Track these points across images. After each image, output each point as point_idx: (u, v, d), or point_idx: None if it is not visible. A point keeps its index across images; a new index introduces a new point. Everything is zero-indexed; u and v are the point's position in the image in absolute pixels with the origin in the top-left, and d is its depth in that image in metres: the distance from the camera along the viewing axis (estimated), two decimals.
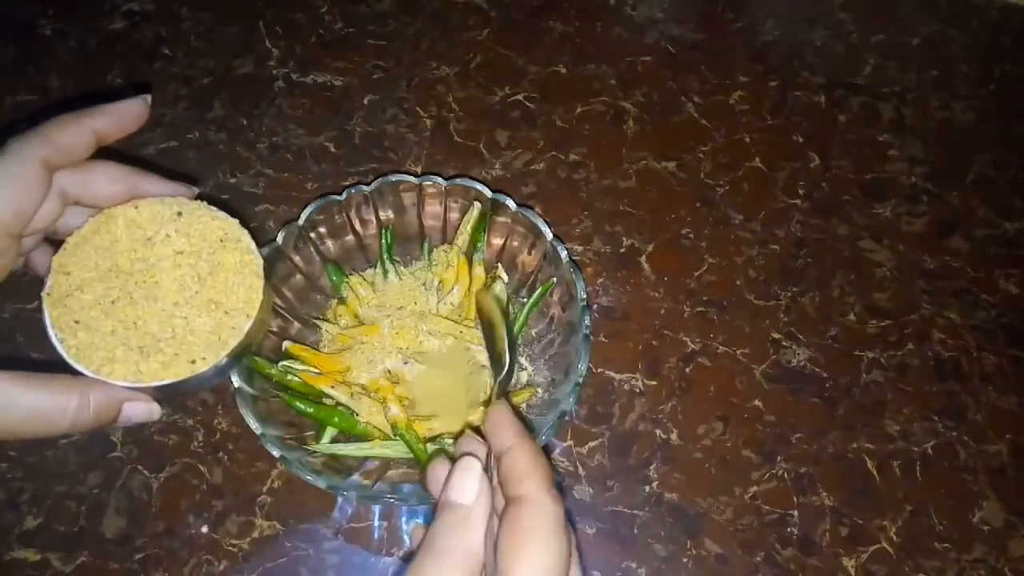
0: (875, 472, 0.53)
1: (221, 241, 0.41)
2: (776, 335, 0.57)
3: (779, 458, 0.53)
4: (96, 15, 0.70)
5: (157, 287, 0.39)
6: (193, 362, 0.38)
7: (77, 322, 0.38)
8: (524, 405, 0.51)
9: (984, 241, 0.62)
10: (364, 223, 0.54)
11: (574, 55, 0.69)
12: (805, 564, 0.50)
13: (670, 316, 0.58)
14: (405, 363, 0.49)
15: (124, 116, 0.39)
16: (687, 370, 0.56)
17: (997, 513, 0.52)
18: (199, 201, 0.42)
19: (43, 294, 0.38)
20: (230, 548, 0.49)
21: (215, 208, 0.42)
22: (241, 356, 0.41)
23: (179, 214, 0.41)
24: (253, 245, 0.42)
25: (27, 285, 0.57)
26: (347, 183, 0.62)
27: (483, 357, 0.50)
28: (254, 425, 0.44)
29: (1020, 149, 0.66)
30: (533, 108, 0.67)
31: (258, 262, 0.41)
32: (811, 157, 0.65)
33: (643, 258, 0.60)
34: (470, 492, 0.30)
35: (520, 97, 0.67)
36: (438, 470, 0.33)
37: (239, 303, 0.40)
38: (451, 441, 0.49)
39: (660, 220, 0.62)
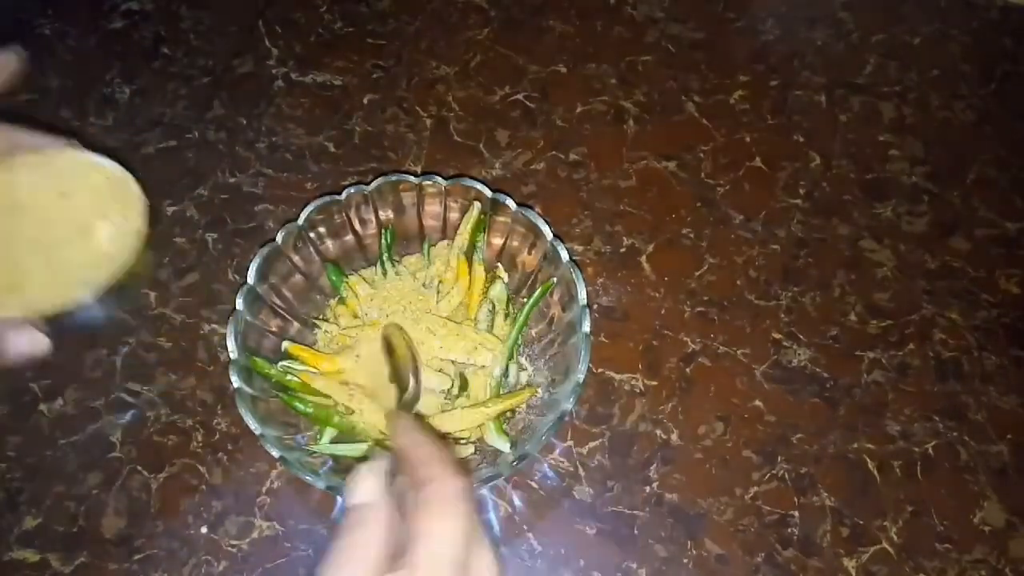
0: (876, 472, 0.53)
1: (92, 174, 0.40)
2: (777, 335, 0.57)
3: (780, 458, 0.53)
4: (95, 15, 0.70)
5: (31, 228, 0.39)
6: (71, 290, 0.38)
7: None
8: (524, 405, 0.51)
9: (985, 241, 0.62)
10: (364, 223, 0.54)
11: (574, 55, 0.69)
12: (806, 565, 0.50)
13: (670, 316, 0.58)
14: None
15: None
16: (687, 370, 0.56)
17: (998, 513, 0.52)
18: (73, 148, 0.41)
19: None
20: (229, 548, 0.49)
21: (88, 151, 0.41)
22: (128, 285, 0.41)
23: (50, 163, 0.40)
24: (118, 168, 0.41)
25: None
26: (347, 183, 0.61)
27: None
28: (253, 425, 0.44)
29: (1021, 149, 0.66)
30: (533, 108, 0.67)
31: (127, 179, 0.40)
32: (812, 157, 0.65)
33: (643, 258, 0.60)
34: (368, 493, 0.31)
35: (520, 97, 0.67)
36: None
37: (116, 227, 0.39)
38: (453, 442, 0.49)
39: (660, 220, 0.62)
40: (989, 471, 0.53)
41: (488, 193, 0.51)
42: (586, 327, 0.47)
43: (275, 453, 0.43)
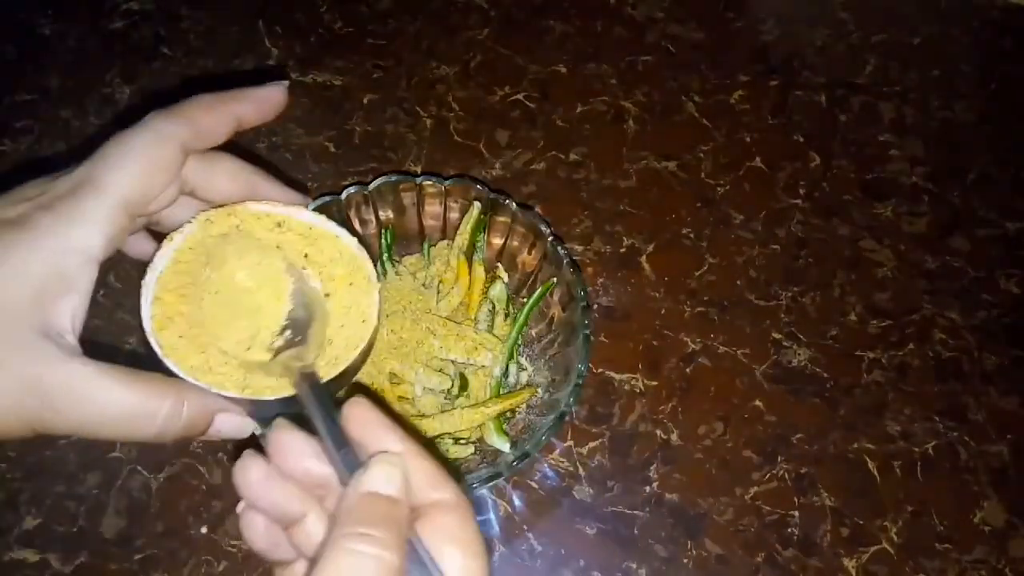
0: (876, 472, 0.53)
1: (336, 258, 0.37)
2: (777, 335, 0.57)
3: (780, 458, 0.53)
4: (96, 15, 0.70)
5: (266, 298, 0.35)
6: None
7: (172, 319, 0.34)
8: (524, 405, 0.51)
9: (985, 241, 0.62)
10: (364, 223, 0.54)
11: (574, 55, 0.69)
12: (806, 565, 0.50)
13: (670, 316, 0.58)
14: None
15: (265, 102, 0.37)
16: (687, 370, 0.56)
17: (998, 513, 0.52)
18: (317, 214, 0.38)
19: (146, 281, 0.34)
20: (229, 549, 0.49)
21: (334, 223, 0.38)
22: (342, 382, 0.36)
23: (283, 223, 0.37)
24: (366, 260, 0.38)
25: None
26: (346, 183, 0.61)
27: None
28: (253, 425, 0.44)
29: (1021, 149, 0.66)
30: (533, 108, 0.67)
31: (371, 276, 0.37)
32: (812, 157, 0.65)
33: (643, 258, 0.60)
34: (392, 485, 0.26)
35: (520, 97, 0.67)
36: (287, 437, 0.28)
37: (349, 322, 0.36)
38: (453, 442, 0.49)
39: (660, 220, 0.62)
40: (989, 471, 0.53)
41: (488, 193, 0.51)
42: (586, 327, 0.47)
43: None
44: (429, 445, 0.29)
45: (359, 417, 0.29)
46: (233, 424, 0.34)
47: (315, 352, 0.34)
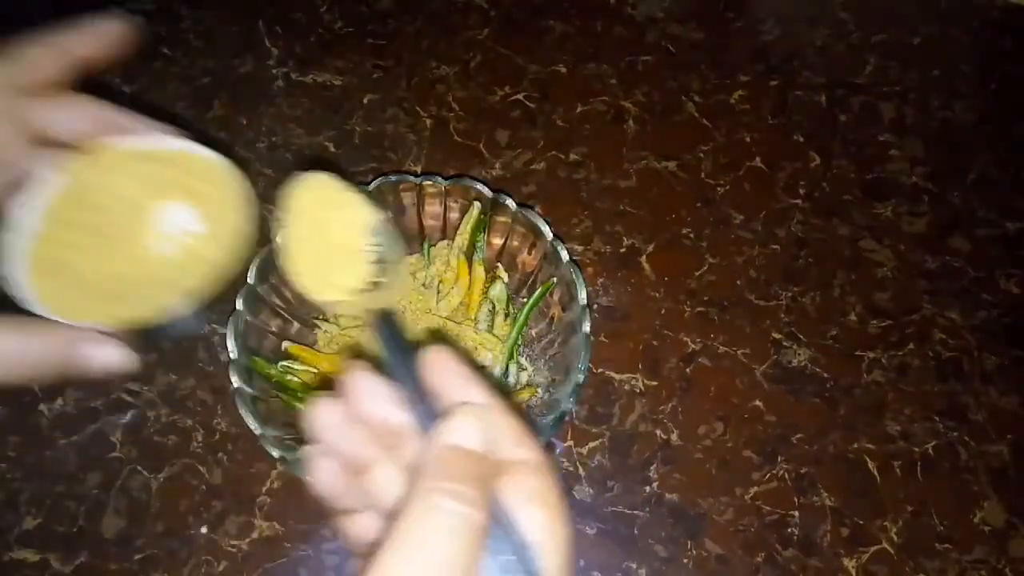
0: (876, 472, 0.53)
1: (196, 171, 0.37)
2: (777, 335, 0.57)
3: (780, 458, 0.53)
4: (95, 15, 0.70)
5: (123, 227, 0.35)
6: (166, 298, 0.34)
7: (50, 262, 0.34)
8: (524, 405, 0.51)
9: (985, 241, 0.62)
10: None
11: (574, 55, 0.69)
12: (806, 565, 0.50)
13: (670, 316, 0.58)
14: None
15: (105, 38, 0.35)
16: (687, 370, 0.56)
17: (998, 513, 0.52)
18: (175, 138, 0.38)
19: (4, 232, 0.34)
20: (229, 549, 0.49)
21: (192, 143, 0.38)
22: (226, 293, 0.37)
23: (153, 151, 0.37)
24: (224, 163, 0.38)
25: None
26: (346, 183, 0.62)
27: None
28: (253, 425, 0.44)
29: (1021, 149, 0.66)
30: (533, 108, 0.67)
31: (232, 175, 0.38)
32: (812, 157, 0.65)
33: (643, 258, 0.60)
34: (473, 438, 0.25)
35: (520, 97, 0.67)
36: (366, 381, 0.28)
37: (218, 228, 0.36)
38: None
39: (660, 220, 0.62)
40: (989, 471, 0.53)
41: (488, 193, 0.51)
42: (586, 327, 0.47)
43: (275, 453, 0.43)
44: (511, 403, 0.28)
45: (441, 365, 0.27)
46: (108, 354, 0.33)
47: (394, 294, 0.34)
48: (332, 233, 0.39)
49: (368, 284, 0.36)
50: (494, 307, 0.54)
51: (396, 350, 0.28)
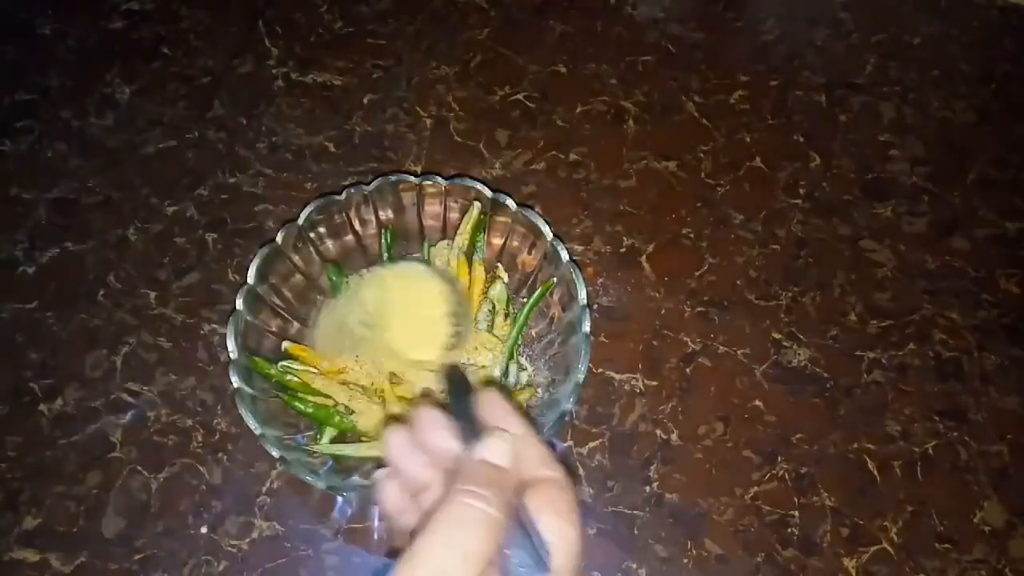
0: (876, 472, 0.53)
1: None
2: (777, 335, 0.57)
3: (780, 458, 0.53)
4: (95, 15, 0.70)
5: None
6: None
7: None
8: (524, 405, 0.51)
9: (985, 241, 0.62)
10: (364, 223, 0.54)
11: (574, 55, 0.69)
12: (806, 564, 0.50)
13: (670, 316, 0.58)
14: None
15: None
16: (687, 370, 0.56)
17: (998, 514, 0.52)
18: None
19: None
20: (229, 549, 0.49)
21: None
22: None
23: None
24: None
25: (27, 285, 0.57)
26: (347, 183, 0.62)
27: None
28: (253, 425, 0.44)
29: (1021, 149, 0.66)
30: (533, 108, 0.66)
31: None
32: (812, 157, 0.65)
33: (643, 258, 0.60)
34: (503, 456, 0.31)
35: (520, 97, 0.67)
36: (433, 415, 0.33)
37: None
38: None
39: (660, 220, 0.62)
40: (989, 471, 0.53)
41: (488, 193, 0.51)
42: (586, 327, 0.47)
43: (275, 453, 0.43)
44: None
45: (491, 402, 0.34)
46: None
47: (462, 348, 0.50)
48: (421, 305, 0.50)
49: (448, 342, 0.49)
50: (494, 307, 0.54)
51: (460, 393, 0.35)
